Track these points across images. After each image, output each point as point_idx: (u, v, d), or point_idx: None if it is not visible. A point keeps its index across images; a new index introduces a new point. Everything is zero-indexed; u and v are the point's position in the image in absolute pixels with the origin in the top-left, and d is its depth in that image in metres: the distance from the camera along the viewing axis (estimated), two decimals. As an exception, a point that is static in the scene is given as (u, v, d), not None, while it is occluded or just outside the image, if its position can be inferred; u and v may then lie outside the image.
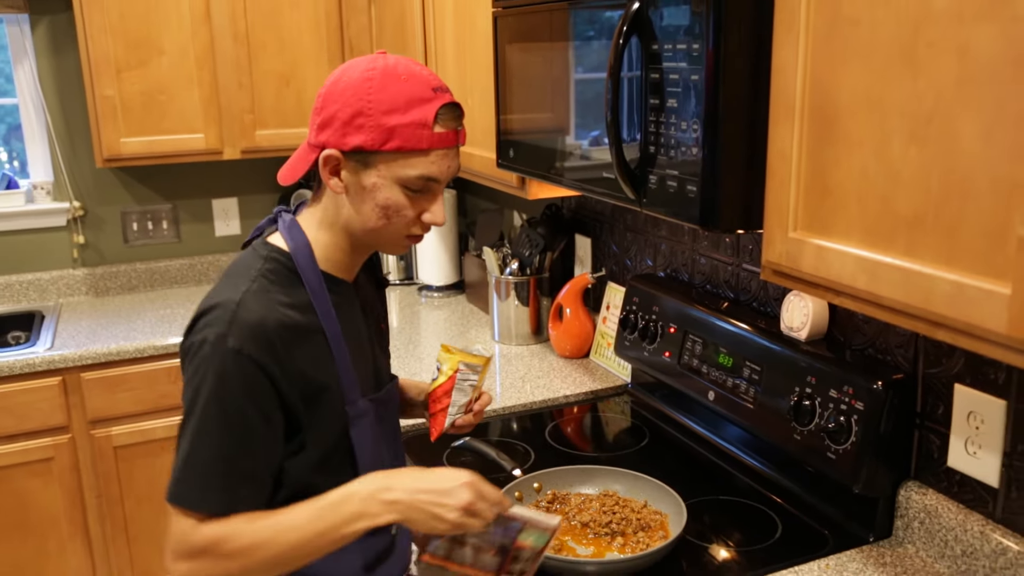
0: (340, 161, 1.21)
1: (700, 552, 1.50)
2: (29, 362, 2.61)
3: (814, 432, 1.53)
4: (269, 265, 1.23)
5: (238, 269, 1.25)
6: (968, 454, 1.40)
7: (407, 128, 1.18)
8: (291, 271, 1.24)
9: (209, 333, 1.16)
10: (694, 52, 1.24)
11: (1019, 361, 0.92)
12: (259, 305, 1.18)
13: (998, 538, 1.34)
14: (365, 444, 1.31)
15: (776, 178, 1.20)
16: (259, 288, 1.20)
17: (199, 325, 1.19)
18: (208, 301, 1.21)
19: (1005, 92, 0.88)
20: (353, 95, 1.18)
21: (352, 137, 1.19)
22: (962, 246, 0.95)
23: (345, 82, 1.20)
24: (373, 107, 1.17)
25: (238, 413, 1.16)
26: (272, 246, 1.26)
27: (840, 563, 1.46)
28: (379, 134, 1.18)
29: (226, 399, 1.15)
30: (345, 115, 1.18)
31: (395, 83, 1.19)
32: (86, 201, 3.22)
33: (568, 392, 2.21)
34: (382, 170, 1.20)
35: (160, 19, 2.86)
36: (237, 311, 1.16)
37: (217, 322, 1.16)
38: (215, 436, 1.16)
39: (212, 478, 1.16)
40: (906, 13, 0.98)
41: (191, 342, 1.19)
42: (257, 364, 1.15)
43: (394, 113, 1.18)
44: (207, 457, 1.16)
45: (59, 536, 2.76)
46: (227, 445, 1.16)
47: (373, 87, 1.18)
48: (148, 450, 2.79)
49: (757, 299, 1.85)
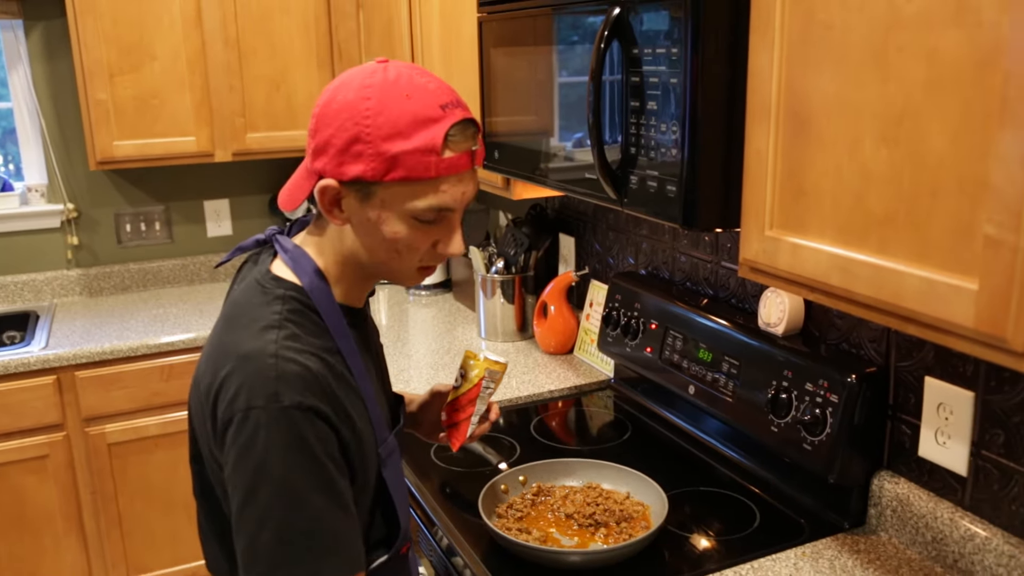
0: (339, 191, 1.05)
1: (681, 542, 1.50)
2: (24, 361, 2.59)
3: (790, 424, 1.54)
4: (289, 306, 1.08)
5: (253, 313, 1.08)
6: (938, 444, 1.41)
7: (412, 155, 1.01)
8: (311, 309, 1.09)
9: (255, 398, 0.99)
10: (673, 56, 1.24)
11: (986, 354, 0.93)
12: (296, 353, 1.03)
13: (966, 524, 1.36)
14: (397, 483, 1.19)
15: (753, 178, 1.20)
16: (288, 335, 1.04)
17: (235, 390, 1.01)
18: (229, 352, 1.05)
19: (971, 94, 0.89)
20: (349, 118, 1.02)
21: (350, 167, 1.02)
22: (931, 243, 0.96)
23: (340, 101, 1.03)
24: (372, 132, 1.01)
25: (320, 472, 1.01)
26: (285, 282, 1.10)
27: (816, 551, 1.47)
28: (380, 163, 1.01)
29: (306, 459, 1.00)
30: (340, 141, 1.02)
31: (396, 102, 1.01)
32: (80, 203, 3.20)
33: (552, 387, 2.21)
34: (387, 202, 1.04)
35: (152, 25, 2.84)
36: (278, 364, 1.01)
37: (259, 383, 1.00)
38: (305, 501, 1.00)
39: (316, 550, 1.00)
40: (877, 18, 0.99)
41: (233, 412, 1.00)
42: (320, 415, 1.01)
43: (396, 139, 1.01)
44: (302, 527, 1.00)
45: (54, 532, 2.75)
46: (322, 510, 1.01)
47: (371, 108, 1.01)
48: (142, 447, 2.78)
49: (735, 296, 1.86)
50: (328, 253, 1.13)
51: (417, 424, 1.48)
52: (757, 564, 1.43)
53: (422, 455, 1.84)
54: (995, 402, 1.32)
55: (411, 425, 1.49)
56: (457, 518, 1.58)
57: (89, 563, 2.81)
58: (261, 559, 1.00)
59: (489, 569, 1.42)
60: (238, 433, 1.00)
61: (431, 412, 1.46)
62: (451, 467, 1.79)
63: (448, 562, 1.52)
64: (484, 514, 1.48)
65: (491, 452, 1.84)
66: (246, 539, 1.01)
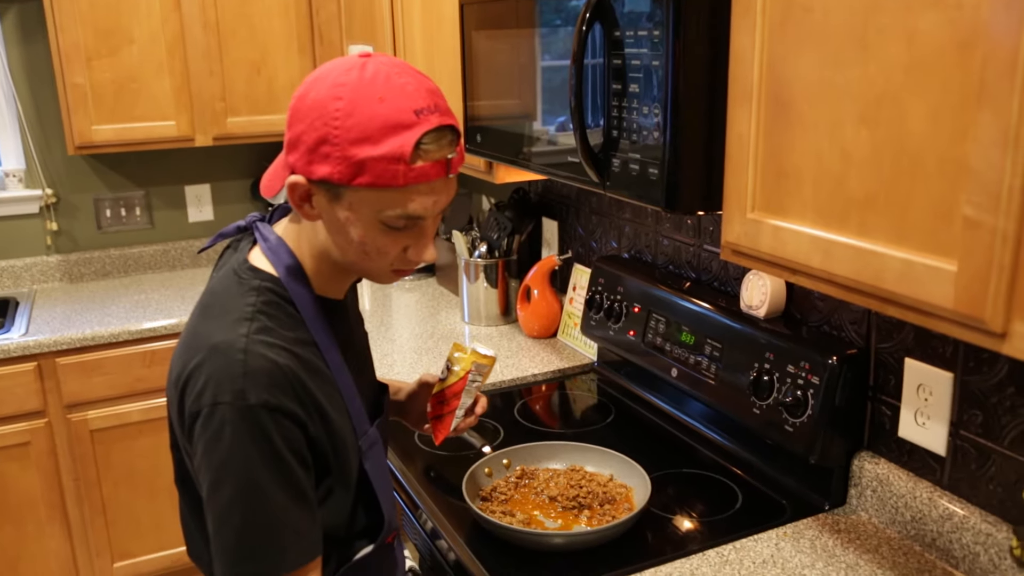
0: (309, 188, 1.02)
1: (664, 523, 1.51)
2: (3, 348, 2.57)
3: (772, 406, 1.55)
4: (264, 298, 1.06)
5: (226, 303, 1.06)
6: (918, 425, 1.43)
7: (379, 162, 0.97)
8: (287, 301, 1.08)
9: (222, 393, 0.99)
10: (655, 39, 1.24)
11: (965, 335, 0.93)
12: (267, 348, 1.01)
13: (945, 504, 1.37)
14: (380, 474, 1.19)
15: (734, 161, 1.20)
16: (260, 328, 1.03)
17: (203, 383, 1.00)
18: (199, 343, 1.03)
19: (950, 76, 0.89)
20: (318, 116, 0.98)
21: (318, 167, 0.99)
22: (911, 225, 0.96)
23: (312, 98, 0.99)
24: (340, 135, 0.97)
25: (283, 469, 1.01)
26: (261, 272, 1.09)
27: (797, 531, 1.48)
28: (347, 167, 0.97)
29: (268, 457, 1.00)
30: (310, 140, 0.99)
31: (368, 104, 0.97)
32: (59, 188, 3.17)
33: (536, 371, 2.21)
34: (355, 206, 1.01)
35: (129, 7, 2.81)
36: (246, 360, 1.00)
37: (227, 378, 0.99)
38: (267, 497, 1.00)
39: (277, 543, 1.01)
40: (857, 0, 0.99)
41: (201, 406, 1.00)
42: (286, 413, 1.01)
43: (364, 143, 0.96)
44: (264, 522, 1.01)
45: (37, 519, 2.73)
46: (283, 505, 1.01)
47: (341, 109, 0.97)
48: (125, 433, 2.77)
49: (718, 279, 1.87)
50: (304, 245, 1.11)
51: (404, 413, 1.48)
52: (739, 545, 1.44)
53: (406, 440, 1.84)
54: (973, 383, 1.33)
55: (398, 414, 1.49)
56: (441, 501, 1.59)
57: (73, 550, 2.80)
58: (226, 551, 1.01)
59: (473, 552, 1.42)
60: (205, 427, 1.00)
61: (419, 402, 1.45)
62: (435, 451, 1.79)
63: (433, 545, 1.53)
64: (468, 497, 1.48)
65: (475, 436, 1.84)
66: (212, 530, 1.03)
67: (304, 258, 1.11)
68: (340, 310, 1.19)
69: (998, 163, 0.85)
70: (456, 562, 1.43)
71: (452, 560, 1.45)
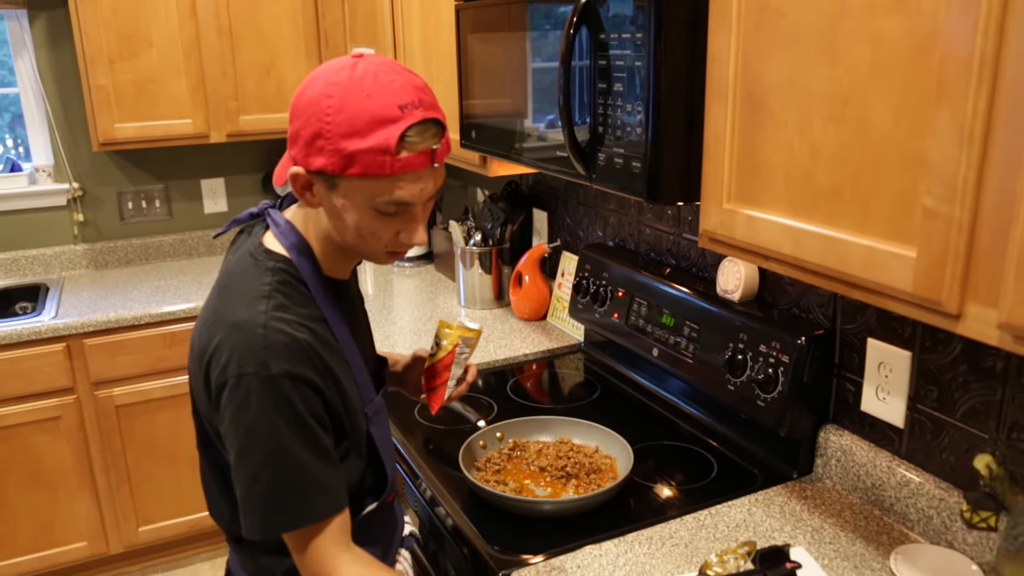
0: (309, 178, 1.03)
1: (645, 491, 1.51)
2: (36, 330, 2.56)
3: (746, 383, 1.55)
4: (279, 277, 1.07)
5: (244, 283, 1.07)
6: (878, 399, 1.43)
7: (367, 154, 0.98)
8: (298, 280, 1.09)
9: (246, 365, 1.00)
10: (638, 41, 1.23)
11: (923, 316, 0.93)
12: (284, 324, 1.03)
13: (903, 472, 1.37)
14: (384, 438, 1.21)
15: (711, 155, 1.20)
16: (277, 305, 1.04)
17: (227, 357, 1.02)
18: (221, 320, 1.05)
19: (910, 77, 0.88)
20: (313, 113, 0.99)
21: (314, 159, 1.00)
22: (874, 215, 0.96)
23: (308, 96, 1.01)
24: (332, 129, 0.98)
25: (305, 431, 1.03)
26: (275, 255, 1.10)
27: (768, 497, 1.48)
28: (338, 159, 0.99)
29: (292, 421, 1.01)
30: (307, 135, 1.00)
31: (356, 101, 0.98)
32: (84, 182, 3.15)
33: (527, 351, 2.21)
34: (349, 193, 1.02)
35: (149, 13, 2.78)
36: (266, 335, 1.01)
37: (249, 351, 1.00)
38: (293, 457, 1.02)
39: (303, 497, 1.04)
40: (826, 6, 0.98)
41: (227, 377, 1.01)
42: (305, 381, 1.02)
43: (354, 137, 0.98)
44: (292, 479, 1.02)
45: (68, 487, 2.73)
46: (308, 463, 1.03)
47: (332, 106, 0.98)
48: (147, 408, 2.76)
49: (696, 265, 1.86)
50: (311, 229, 1.13)
51: (403, 383, 1.49)
52: (714, 510, 1.44)
53: (407, 414, 1.83)
54: (930, 361, 1.33)
55: (397, 384, 1.49)
56: (439, 472, 1.58)
57: (101, 515, 2.81)
58: (257, 506, 1.04)
59: (469, 518, 1.42)
60: (232, 397, 1.02)
61: (414, 373, 1.47)
62: (434, 425, 1.79)
63: (431, 512, 1.52)
64: (464, 467, 1.48)
65: (471, 411, 1.84)
66: (243, 489, 1.04)
67: (311, 241, 1.13)
68: (345, 290, 1.20)
69: (954, 157, 0.85)
70: (453, 527, 1.43)
71: (450, 526, 1.44)
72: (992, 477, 1.13)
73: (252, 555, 1.20)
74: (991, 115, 0.82)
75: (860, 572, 1.27)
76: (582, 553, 1.33)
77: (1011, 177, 0.81)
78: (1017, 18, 0.78)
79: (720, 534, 1.37)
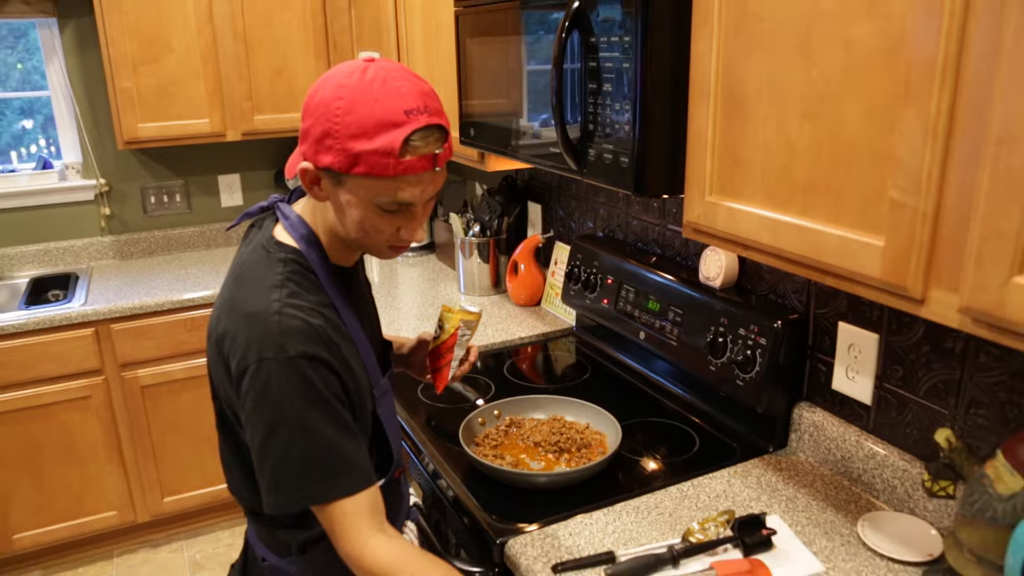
0: (317, 174, 1.02)
1: (633, 464, 1.51)
2: (67, 316, 2.56)
3: (726, 364, 1.55)
4: (290, 267, 1.06)
5: (258, 273, 1.06)
6: (848, 379, 1.43)
7: (372, 155, 0.96)
8: (308, 270, 1.08)
9: (265, 350, 0.99)
10: (626, 44, 1.22)
11: (890, 301, 0.93)
12: (297, 310, 1.01)
13: (870, 445, 1.38)
14: (390, 418, 1.20)
15: (695, 151, 1.19)
16: (289, 293, 1.03)
17: (245, 345, 1.00)
18: (237, 309, 1.03)
19: (880, 78, 0.88)
20: (323, 113, 0.98)
21: (323, 156, 0.99)
22: (846, 207, 0.95)
23: (320, 96, 0.99)
24: (340, 130, 0.97)
25: (327, 408, 1.02)
26: (286, 246, 1.09)
27: (746, 469, 1.48)
28: (345, 158, 0.97)
29: (313, 400, 1.00)
30: (316, 133, 0.99)
31: (365, 104, 0.96)
32: (110, 178, 3.14)
33: (523, 335, 2.21)
34: (354, 190, 1.01)
35: (169, 21, 2.76)
36: (281, 321, 1.00)
37: (266, 338, 0.99)
38: (318, 433, 1.00)
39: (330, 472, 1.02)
40: (801, 11, 0.97)
41: (247, 364, 1.00)
42: (322, 361, 1.01)
43: (360, 138, 0.96)
44: (317, 455, 1.01)
45: (98, 461, 2.74)
46: (332, 439, 1.02)
47: (341, 107, 0.97)
48: (170, 389, 2.76)
49: (680, 254, 1.86)
50: (319, 220, 1.11)
51: (408, 365, 1.49)
52: (697, 482, 1.45)
53: (411, 394, 1.83)
54: (896, 342, 1.33)
55: (403, 366, 1.49)
56: (441, 447, 1.58)
57: (129, 486, 2.81)
58: (287, 483, 1.02)
59: (469, 490, 1.42)
60: (253, 381, 1.00)
61: (419, 355, 1.46)
62: (435, 404, 1.79)
63: (434, 485, 1.53)
64: (464, 443, 1.48)
65: (470, 390, 1.84)
66: (271, 468, 1.02)
67: (319, 231, 1.11)
68: (351, 277, 1.19)
69: (920, 153, 0.85)
70: (455, 499, 1.43)
71: (451, 497, 1.45)
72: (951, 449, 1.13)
73: (269, 528, 1.19)
74: (953, 114, 0.82)
75: (830, 538, 1.27)
76: (574, 521, 1.33)
77: (971, 171, 0.80)
78: (977, 24, 0.78)
79: (702, 504, 1.38)
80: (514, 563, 1.25)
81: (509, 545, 1.27)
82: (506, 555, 1.27)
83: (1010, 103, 0.75)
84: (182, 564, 2.83)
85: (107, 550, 2.90)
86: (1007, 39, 0.74)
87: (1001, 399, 1.18)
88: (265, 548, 1.21)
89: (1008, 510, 1.01)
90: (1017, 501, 1.01)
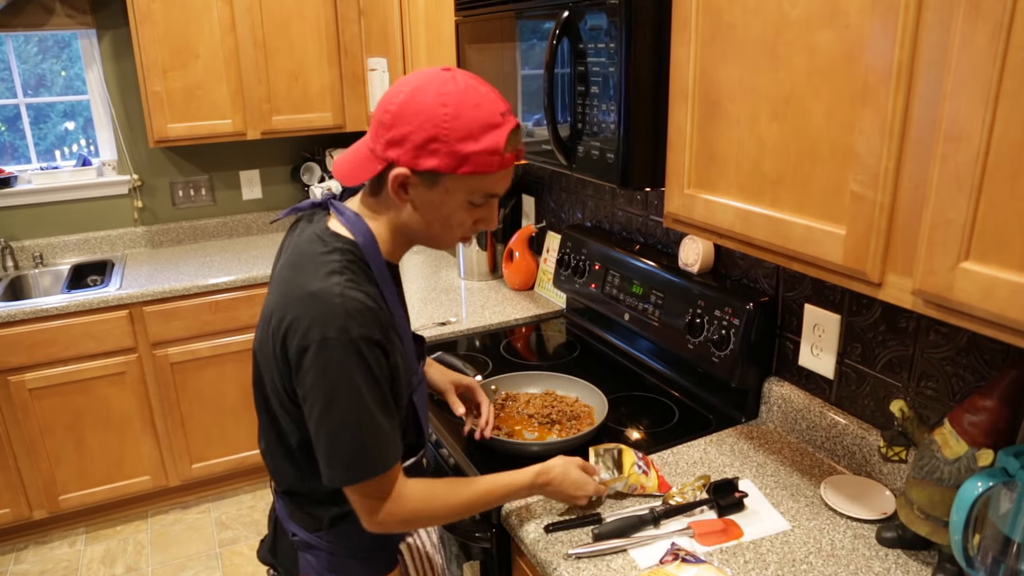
0: (409, 177, 0.99)
1: (618, 435, 1.52)
2: (104, 299, 2.56)
3: (703, 342, 1.55)
4: (348, 257, 1.03)
5: (316, 260, 1.02)
6: (813, 356, 1.43)
7: (480, 155, 0.97)
8: (363, 261, 1.05)
9: (328, 330, 0.96)
10: (611, 50, 1.22)
11: (851, 285, 0.93)
12: (359, 294, 0.99)
13: (832, 416, 1.38)
14: (422, 405, 1.19)
15: (674, 148, 1.19)
16: (350, 279, 1.00)
17: (308, 323, 0.97)
18: (299, 291, 0.99)
19: (841, 81, 0.88)
20: (428, 120, 0.96)
21: (426, 160, 0.97)
22: (811, 198, 0.95)
23: (419, 104, 0.97)
24: (449, 134, 0.96)
25: (379, 390, 1.00)
26: (342, 237, 1.05)
27: (720, 438, 1.49)
28: (453, 160, 0.97)
29: (369, 382, 0.99)
30: (419, 139, 0.96)
31: (469, 110, 0.97)
32: (142, 174, 3.13)
33: (518, 316, 2.21)
34: (451, 188, 1.00)
35: (196, 30, 2.75)
36: (344, 303, 0.96)
37: (330, 317, 0.96)
38: (370, 414, 0.99)
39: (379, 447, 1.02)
40: (770, 20, 0.97)
41: (309, 342, 0.97)
42: (379, 345, 0.99)
43: (468, 140, 0.96)
44: (369, 433, 1.00)
45: (134, 431, 2.74)
46: (381, 418, 1.01)
47: (449, 114, 0.96)
48: (197, 366, 2.77)
49: (661, 242, 1.86)
50: (383, 220, 1.08)
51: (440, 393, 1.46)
52: (676, 450, 1.45)
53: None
54: (856, 322, 1.34)
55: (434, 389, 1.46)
56: (444, 419, 1.59)
57: (161, 453, 2.82)
58: (343, 456, 1.00)
59: (469, 458, 1.43)
60: (315, 360, 0.97)
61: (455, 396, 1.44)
62: (440, 378, 1.79)
63: (436, 453, 1.53)
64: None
65: (469, 367, 1.84)
66: (327, 440, 1.00)
67: (378, 230, 1.08)
68: (396, 273, 1.17)
69: (877, 150, 0.85)
70: (455, 466, 1.44)
71: (452, 464, 1.45)
72: (904, 419, 1.14)
73: (301, 506, 1.17)
74: (907, 114, 0.82)
75: (796, 499, 1.28)
76: (564, 484, 1.33)
77: (923, 167, 0.81)
78: (927, 34, 0.78)
79: (680, 469, 1.38)
80: (511, 524, 1.26)
81: (506, 508, 1.28)
82: (503, 517, 1.28)
83: (957, 105, 0.75)
84: (209, 524, 2.85)
85: (142, 511, 2.91)
86: (954, 48, 0.74)
87: (948, 373, 1.18)
88: (296, 525, 1.20)
89: (953, 472, 1.02)
90: (961, 464, 1.01)
